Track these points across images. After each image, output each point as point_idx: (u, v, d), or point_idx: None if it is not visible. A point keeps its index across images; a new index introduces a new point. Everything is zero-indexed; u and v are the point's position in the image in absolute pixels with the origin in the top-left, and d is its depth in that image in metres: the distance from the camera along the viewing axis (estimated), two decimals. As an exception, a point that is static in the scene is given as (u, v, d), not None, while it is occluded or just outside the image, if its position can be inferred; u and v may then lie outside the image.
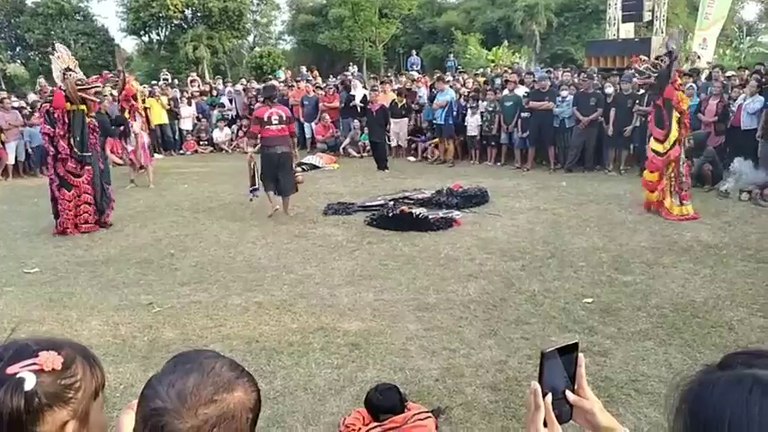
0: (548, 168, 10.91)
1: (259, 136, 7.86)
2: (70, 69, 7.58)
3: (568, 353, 1.01)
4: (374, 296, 5.16)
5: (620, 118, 10.03)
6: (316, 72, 18.95)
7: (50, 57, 8.31)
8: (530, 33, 30.06)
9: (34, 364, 0.91)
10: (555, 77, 11.99)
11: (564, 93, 10.54)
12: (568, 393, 1.01)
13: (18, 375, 0.89)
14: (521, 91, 11.40)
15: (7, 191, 10.89)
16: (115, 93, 12.20)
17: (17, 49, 35.69)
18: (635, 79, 9.12)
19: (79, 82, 7.54)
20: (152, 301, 5.20)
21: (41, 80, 15.61)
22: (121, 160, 10.88)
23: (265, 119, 7.65)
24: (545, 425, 0.97)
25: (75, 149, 7.52)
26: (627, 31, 17.61)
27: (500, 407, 3.44)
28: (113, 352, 4.26)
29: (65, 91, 7.47)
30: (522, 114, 10.91)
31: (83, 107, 7.58)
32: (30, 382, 0.89)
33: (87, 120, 7.65)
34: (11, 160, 12.12)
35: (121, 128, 10.70)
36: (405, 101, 12.67)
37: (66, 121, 7.49)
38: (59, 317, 4.95)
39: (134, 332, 4.61)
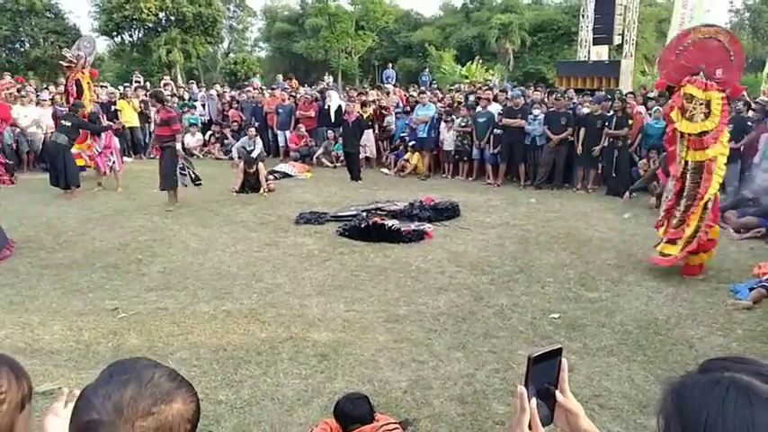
0: (518, 185, 11.08)
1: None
2: None
3: (552, 358, 1.05)
4: (345, 307, 5.16)
5: (589, 138, 10.26)
6: (295, 81, 18.91)
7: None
8: (503, 51, 30.62)
9: None
10: (527, 96, 12.21)
11: (536, 111, 10.74)
12: (558, 394, 1.05)
13: None
14: (494, 108, 11.58)
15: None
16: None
17: (-16, 47, 34.73)
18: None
19: None
20: (117, 307, 5.10)
21: (7, 77, 15.21)
22: (91, 163, 10.67)
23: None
24: (530, 427, 1.00)
25: None
26: (597, 53, 18.07)
27: (467, 420, 3.47)
28: (76, 357, 4.17)
29: None
30: (495, 131, 11.07)
31: None
32: None
33: None
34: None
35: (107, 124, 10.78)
36: (370, 112, 12.74)
37: None
38: (20, 320, 4.82)
39: (98, 338, 4.52)
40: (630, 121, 10.07)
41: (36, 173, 11.91)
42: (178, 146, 9.16)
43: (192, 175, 9.21)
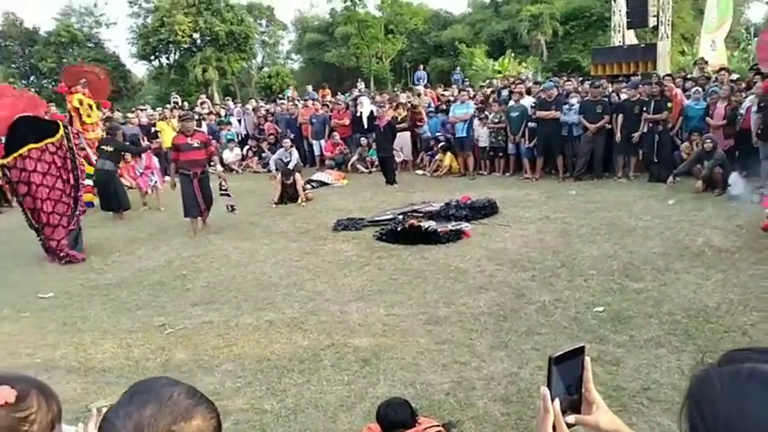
0: (556, 177, 10.89)
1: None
2: None
3: (575, 357, 1.03)
4: (384, 311, 5.17)
5: (627, 124, 10.00)
6: (327, 90, 19.10)
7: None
8: (535, 43, 30.17)
9: None
10: (561, 86, 12.01)
11: (573, 100, 10.55)
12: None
13: None
14: (527, 101, 11.43)
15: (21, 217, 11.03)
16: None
17: (31, 78, 36.43)
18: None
19: None
20: (164, 323, 5.24)
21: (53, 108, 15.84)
22: (134, 183, 11.03)
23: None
24: (554, 429, 0.99)
25: None
26: (633, 37, 17.63)
27: (512, 419, 3.42)
28: (126, 374, 4.30)
29: None
30: (530, 124, 10.93)
31: None
32: None
33: None
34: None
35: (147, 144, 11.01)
36: (406, 114, 12.76)
37: None
38: (73, 341, 5.00)
39: (147, 354, 4.65)
40: (670, 104, 9.77)
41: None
42: (219, 168, 9.14)
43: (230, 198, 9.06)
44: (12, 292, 6.51)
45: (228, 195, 8.93)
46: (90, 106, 9.57)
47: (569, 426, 1.02)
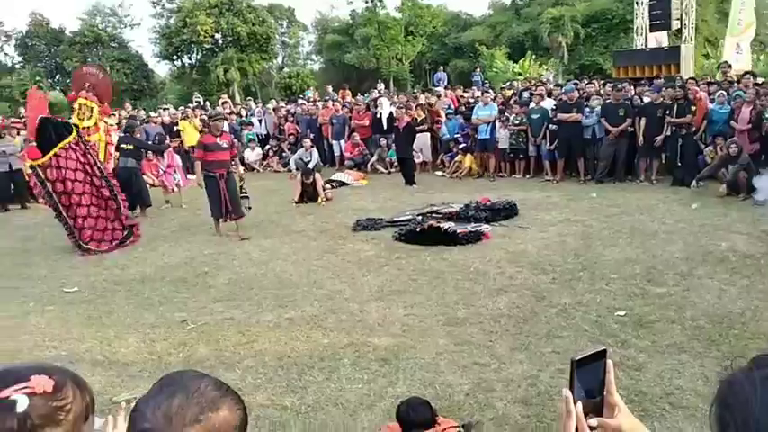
0: (578, 180, 10.82)
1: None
2: None
3: (597, 360, 1.03)
4: (404, 311, 5.18)
5: (650, 128, 9.91)
6: (347, 91, 19.18)
7: None
8: (556, 45, 29.94)
9: (27, 387, 0.95)
10: (582, 89, 11.93)
11: (594, 103, 10.47)
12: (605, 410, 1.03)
13: (11, 398, 0.93)
14: (548, 104, 11.38)
15: (48, 213, 11.24)
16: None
17: (57, 77, 37.04)
18: None
19: None
20: (186, 319, 5.31)
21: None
22: (157, 181, 11.16)
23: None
24: (576, 431, 0.99)
25: None
26: (656, 39, 17.42)
27: (532, 421, 3.41)
28: (149, 368, 4.36)
29: None
30: (550, 127, 10.88)
31: None
32: (22, 405, 0.93)
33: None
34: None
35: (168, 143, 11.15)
36: (425, 115, 12.77)
37: None
38: (98, 334, 5.08)
39: (169, 349, 4.71)
40: (693, 108, 9.66)
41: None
42: (241, 169, 9.13)
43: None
44: (38, 285, 6.64)
45: (247, 197, 8.98)
46: (91, 109, 9.59)
47: (592, 428, 1.02)
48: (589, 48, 30.41)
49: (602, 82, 13.47)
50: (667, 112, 9.76)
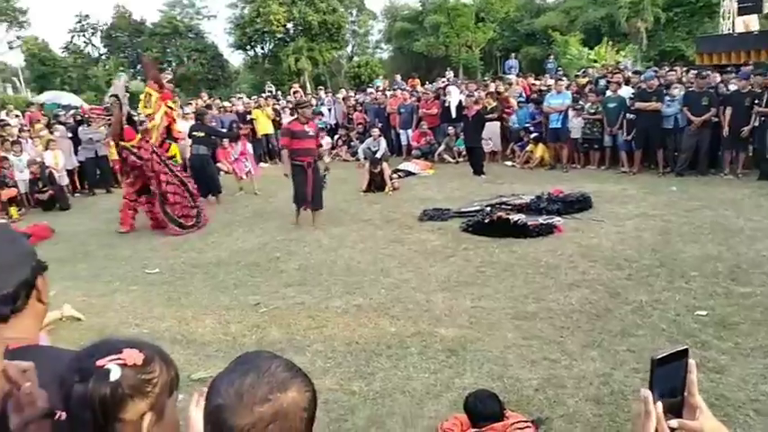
0: (656, 172, 10.36)
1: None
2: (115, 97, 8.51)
3: (679, 359, 1.00)
4: (471, 303, 5.14)
5: (736, 118, 9.34)
6: (417, 80, 19.09)
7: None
8: (635, 31, 28.65)
9: (119, 359, 1.01)
10: (661, 77, 11.37)
11: (675, 91, 9.97)
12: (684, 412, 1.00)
13: (106, 367, 1.00)
14: (625, 92, 10.93)
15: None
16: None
17: (138, 67, 38.80)
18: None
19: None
20: (259, 302, 5.49)
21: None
22: (229, 168, 11.55)
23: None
24: None
25: None
26: (744, 23, 16.38)
27: (604, 420, 3.32)
28: (224, 349, 4.54)
29: None
30: (628, 116, 10.46)
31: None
32: (115, 374, 0.99)
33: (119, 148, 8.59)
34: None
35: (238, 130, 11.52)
36: (495, 104, 12.54)
37: None
38: (177, 314, 5.34)
39: (243, 331, 4.89)
40: (786, 97, 9.03)
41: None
42: (327, 159, 9.18)
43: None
44: (122, 266, 7.04)
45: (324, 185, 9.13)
46: (149, 95, 10.10)
47: (671, 430, 0.99)
48: (670, 33, 28.92)
49: (684, 69, 12.79)
50: (756, 101, 9.16)
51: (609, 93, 11.05)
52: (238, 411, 0.96)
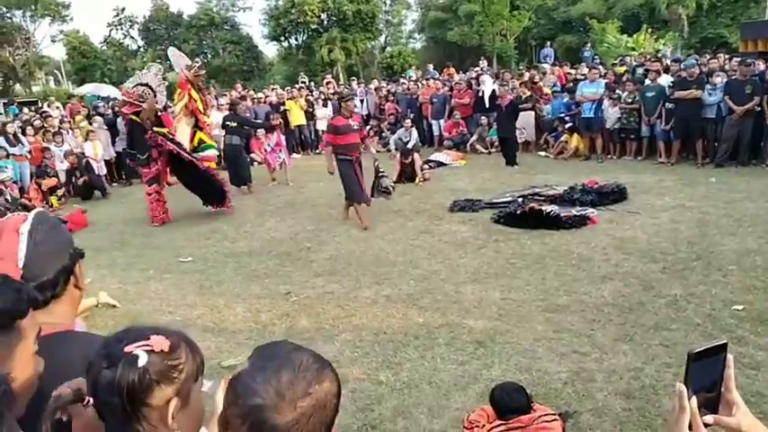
0: (694, 163, 10.08)
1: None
2: (146, 85, 8.47)
3: (716, 354, 0.98)
4: (500, 295, 5.10)
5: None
6: (452, 69, 18.91)
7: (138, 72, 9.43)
8: (676, 17, 27.81)
9: (147, 345, 1.03)
10: (703, 64, 11.02)
11: (717, 79, 9.65)
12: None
13: (133, 353, 1.01)
14: (664, 80, 10.63)
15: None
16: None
17: (174, 59, 39.40)
18: None
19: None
20: (289, 291, 5.56)
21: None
22: (262, 158, 11.68)
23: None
24: (690, 428, 0.94)
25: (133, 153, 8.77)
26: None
27: (634, 415, 3.26)
28: (255, 337, 4.61)
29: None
30: (667, 105, 10.17)
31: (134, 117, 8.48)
32: (142, 360, 1.01)
33: (149, 134, 8.45)
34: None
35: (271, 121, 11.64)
36: (530, 93, 12.33)
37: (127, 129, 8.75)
38: (209, 302, 5.44)
39: (273, 319, 4.96)
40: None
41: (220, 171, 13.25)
42: (373, 150, 9.02)
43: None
44: (157, 254, 7.20)
45: (385, 176, 9.17)
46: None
47: (706, 425, 0.96)
48: (713, 19, 28.01)
49: (726, 57, 12.36)
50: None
51: (647, 81, 10.77)
52: (281, 409, 0.95)
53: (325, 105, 15.92)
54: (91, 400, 1.04)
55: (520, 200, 7.93)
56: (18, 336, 1.02)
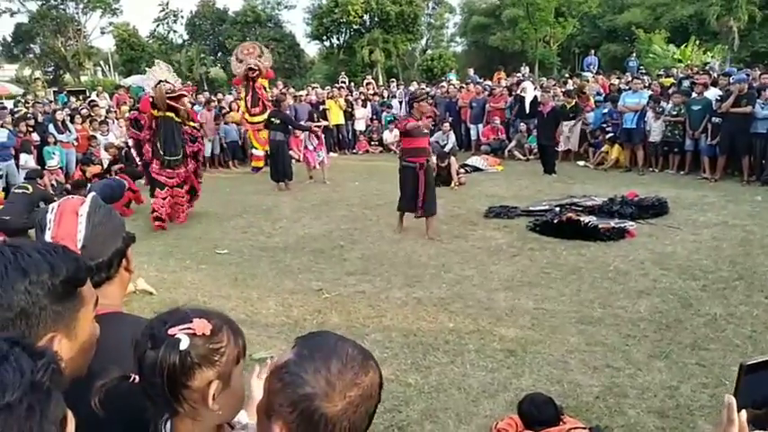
0: (740, 180, 9.79)
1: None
2: (167, 81, 8.23)
3: None
4: (533, 304, 5.05)
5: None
6: (503, 74, 18.72)
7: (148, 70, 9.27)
8: (726, 30, 27.02)
9: (189, 328, 1.04)
10: (754, 79, 10.69)
11: (768, 94, 9.37)
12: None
13: (176, 336, 1.03)
14: (712, 94, 10.36)
15: (204, 181, 12.32)
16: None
17: (218, 55, 40.11)
18: None
19: (168, 91, 8.05)
20: (322, 288, 5.60)
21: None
22: (300, 156, 11.80)
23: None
24: None
25: (160, 152, 8.25)
26: None
27: (667, 435, 3.19)
28: (286, 331, 4.67)
29: (152, 98, 8.12)
30: (713, 119, 9.91)
31: (170, 114, 8.19)
32: (184, 343, 1.02)
33: (184, 127, 8.40)
34: (207, 153, 13.67)
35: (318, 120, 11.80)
36: (574, 102, 12.14)
37: (153, 126, 8.25)
38: (243, 295, 5.53)
39: (305, 315, 5.01)
40: None
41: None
42: (434, 158, 8.36)
43: None
44: (194, 245, 7.34)
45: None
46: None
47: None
48: (765, 33, 27.12)
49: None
50: None
51: (694, 94, 10.51)
52: (332, 399, 0.98)
53: (364, 106, 16.01)
54: (137, 378, 1.08)
55: (557, 209, 7.82)
56: (81, 302, 1.06)
